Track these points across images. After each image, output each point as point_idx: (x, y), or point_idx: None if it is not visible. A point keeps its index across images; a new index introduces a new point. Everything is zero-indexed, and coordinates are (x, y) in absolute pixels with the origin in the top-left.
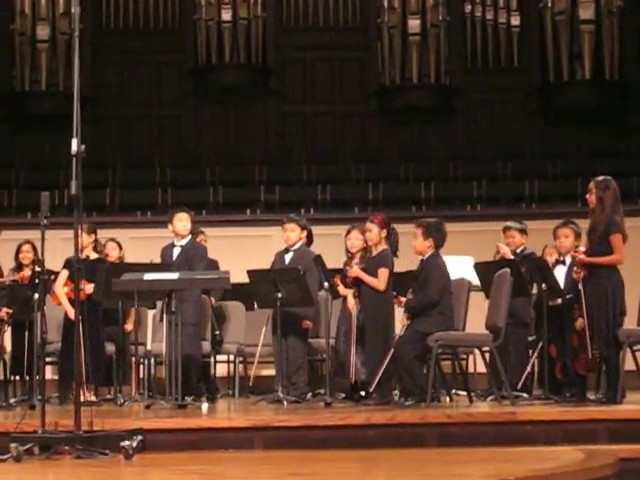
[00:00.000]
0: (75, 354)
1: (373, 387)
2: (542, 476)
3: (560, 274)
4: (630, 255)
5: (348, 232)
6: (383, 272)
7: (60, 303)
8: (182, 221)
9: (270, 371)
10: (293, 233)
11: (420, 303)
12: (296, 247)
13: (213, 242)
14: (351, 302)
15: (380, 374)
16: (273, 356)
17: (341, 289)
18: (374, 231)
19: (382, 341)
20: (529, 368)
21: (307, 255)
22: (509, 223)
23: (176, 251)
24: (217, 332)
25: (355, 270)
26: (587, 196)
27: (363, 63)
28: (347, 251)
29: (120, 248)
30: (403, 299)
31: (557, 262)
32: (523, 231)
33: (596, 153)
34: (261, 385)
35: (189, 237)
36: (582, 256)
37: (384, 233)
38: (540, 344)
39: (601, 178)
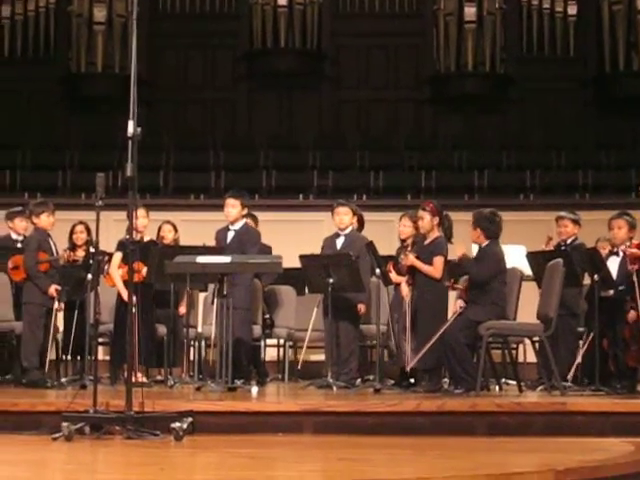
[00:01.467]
0: (129, 336)
1: (412, 365)
2: (592, 467)
3: (613, 265)
4: None
5: (400, 219)
6: (438, 260)
7: (114, 285)
8: (227, 207)
9: (319, 356)
10: (347, 217)
11: (470, 273)
12: (347, 232)
13: (265, 226)
14: (405, 290)
15: (422, 354)
16: (324, 341)
17: (393, 276)
18: (426, 219)
19: (435, 329)
20: (579, 359)
21: (359, 240)
22: (562, 213)
23: (230, 235)
24: (267, 316)
25: (411, 258)
26: None
27: (418, 50)
28: (400, 239)
29: (175, 230)
30: (458, 286)
31: (610, 253)
32: (576, 221)
33: None
34: (310, 370)
35: (243, 221)
36: (634, 250)
37: (436, 220)
38: (590, 335)
39: None
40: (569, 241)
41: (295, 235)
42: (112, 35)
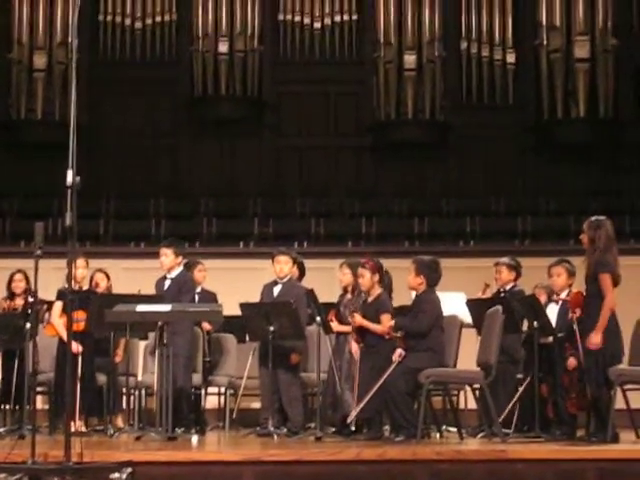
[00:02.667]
0: (69, 384)
1: (353, 417)
2: None
3: (552, 312)
4: (622, 294)
5: (340, 267)
6: (385, 318)
7: (54, 334)
8: (160, 256)
9: (259, 404)
10: (286, 265)
11: (409, 328)
12: (285, 280)
13: (207, 274)
14: (355, 347)
15: (364, 404)
16: (260, 389)
17: (335, 325)
18: (366, 276)
19: (377, 378)
20: (513, 405)
21: (296, 288)
22: (500, 259)
23: (167, 283)
24: (208, 359)
25: (358, 320)
26: (580, 237)
27: (358, 97)
28: (343, 288)
29: (108, 278)
30: (396, 334)
31: (549, 300)
32: (512, 267)
33: (590, 191)
34: (251, 418)
35: (179, 269)
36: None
37: (377, 277)
38: (528, 381)
39: (593, 218)
40: (508, 287)
41: (236, 283)
42: (52, 82)
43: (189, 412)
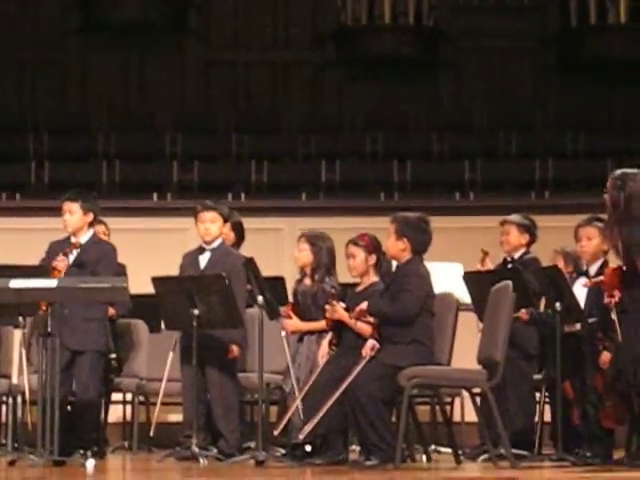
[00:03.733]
0: None
1: (306, 432)
2: None
3: (580, 290)
4: None
5: (298, 241)
6: None
7: None
8: (64, 213)
9: (179, 416)
10: (215, 225)
11: (391, 312)
12: (215, 245)
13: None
14: (325, 350)
15: (322, 415)
16: (183, 396)
17: (292, 323)
18: (359, 257)
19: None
20: (536, 417)
21: (231, 257)
22: (511, 217)
23: (74, 253)
24: (113, 355)
25: (339, 311)
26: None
27: None
28: (300, 269)
29: None
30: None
31: (576, 273)
32: (524, 227)
33: (634, 124)
34: (168, 435)
35: (89, 232)
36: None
37: (373, 260)
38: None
39: (620, 172)
40: (517, 255)
41: (148, 249)
42: None
43: (91, 428)
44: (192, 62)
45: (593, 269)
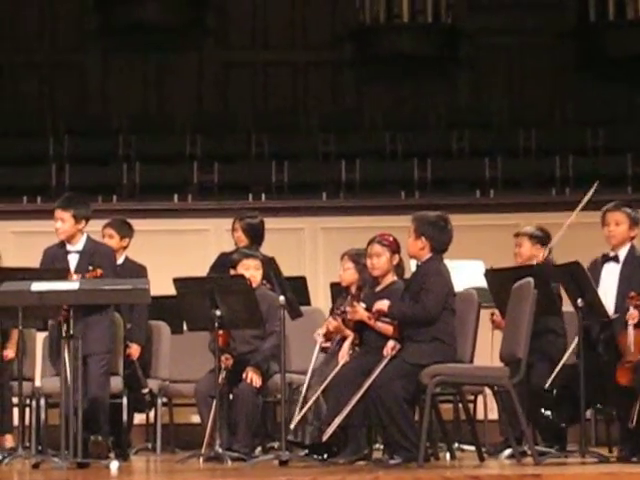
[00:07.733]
0: None
1: (328, 436)
2: None
3: (609, 274)
4: None
5: (341, 260)
6: None
7: None
8: (56, 220)
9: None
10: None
11: (412, 314)
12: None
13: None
14: (345, 350)
15: (343, 418)
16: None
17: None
18: (385, 256)
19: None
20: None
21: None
22: (524, 229)
23: (72, 258)
24: (145, 390)
25: (360, 312)
26: None
27: None
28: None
29: None
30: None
31: (604, 258)
32: (537, 239)
33: None
34: (192, 436)
35: (83, 237)
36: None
37: (396, 260)
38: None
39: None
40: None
41: (169, 250)
42: None
43: (107, 429)
44: (211, 63)
45: (622, 254)
